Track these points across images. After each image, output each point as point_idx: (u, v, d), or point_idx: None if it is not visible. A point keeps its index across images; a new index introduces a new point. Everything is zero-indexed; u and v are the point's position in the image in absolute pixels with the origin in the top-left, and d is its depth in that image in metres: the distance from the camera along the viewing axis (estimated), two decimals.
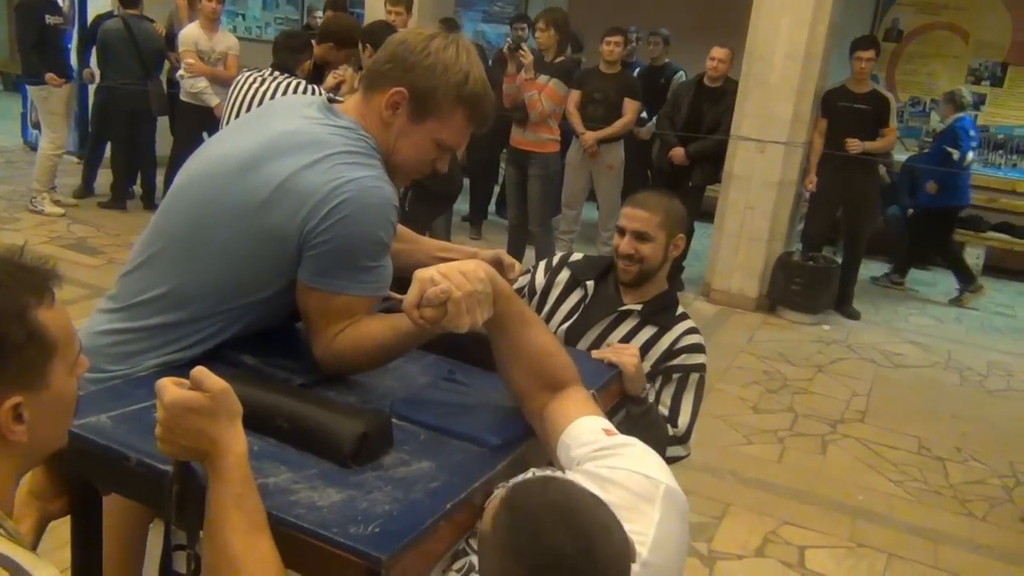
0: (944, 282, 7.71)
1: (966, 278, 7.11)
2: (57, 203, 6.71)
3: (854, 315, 6.28)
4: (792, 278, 6.04)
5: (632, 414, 1.96)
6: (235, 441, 1.11)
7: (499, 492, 1.08)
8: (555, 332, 2.13)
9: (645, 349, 2.06)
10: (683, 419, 2.07)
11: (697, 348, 2.11)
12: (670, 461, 2.06)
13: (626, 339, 2.09)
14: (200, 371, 1.11)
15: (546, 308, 2.22)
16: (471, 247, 2.13)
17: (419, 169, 1.65)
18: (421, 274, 1.33)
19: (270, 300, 1.54)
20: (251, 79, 4.01)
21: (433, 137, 1.59)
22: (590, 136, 5.93)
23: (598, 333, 2.13)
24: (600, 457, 1.25)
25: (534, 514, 1.02)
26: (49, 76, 6.41)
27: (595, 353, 1.92)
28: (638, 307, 2.13)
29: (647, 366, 2.01)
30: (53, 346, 1.01)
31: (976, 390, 5.23)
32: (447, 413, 1.46)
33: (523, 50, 5.38)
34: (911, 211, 7.21)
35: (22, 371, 0.98)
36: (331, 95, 3.82)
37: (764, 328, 5.90)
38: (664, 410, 2.06)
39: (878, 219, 7.07)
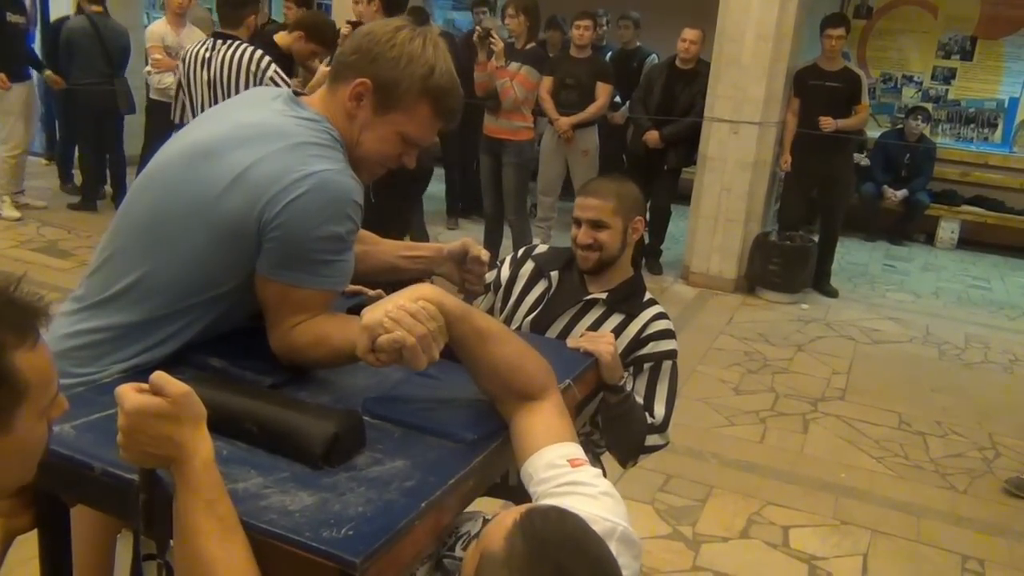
0: (921, 257, 7.78)
1: None
2: (25, 206, 6.60)
3: (832, 293, 6.31)
4: (770, 258, 6.04)
5: (609, 403, 1.95)
6: (201, 445, 1.09)
7: (508, 516, 1.05)
8: (520, 323, 2.12)
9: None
10: (659, 408, 2.04)
11: (666, 334, 2.08)
12: (649, 450, 2.05)
13: (593, 328, 2.06)
14: (160, 375, 1.08)
15: (511, 300, 2.20)
16: (441, 242, 2.10)
17: (384, 163, 1.61)
18: (369, 320, 1.31)
19: (233, 294, 1.51)
20: (200, 52, 3.97)
21: (398, 130, 1.55)
22: (565, 121, 5.90)
23: (564, 323, 2.11)
24: (558, 495, 1.23)
25: (556, 543, 1.01)
26: None
27: (570, 342, 1.89)
28: (603, 295, 2.10)
29: None
30: (24, 391, 0.96)
31: (954, 363, 5.26)
32: (421, 409, 1.44)
33: (493, 37, 5.33)
34: None
35: None
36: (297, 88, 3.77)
37: (743, 309, 5.91)
38: (639, 399, 2.03)
39: (853, 196, 7.09)
